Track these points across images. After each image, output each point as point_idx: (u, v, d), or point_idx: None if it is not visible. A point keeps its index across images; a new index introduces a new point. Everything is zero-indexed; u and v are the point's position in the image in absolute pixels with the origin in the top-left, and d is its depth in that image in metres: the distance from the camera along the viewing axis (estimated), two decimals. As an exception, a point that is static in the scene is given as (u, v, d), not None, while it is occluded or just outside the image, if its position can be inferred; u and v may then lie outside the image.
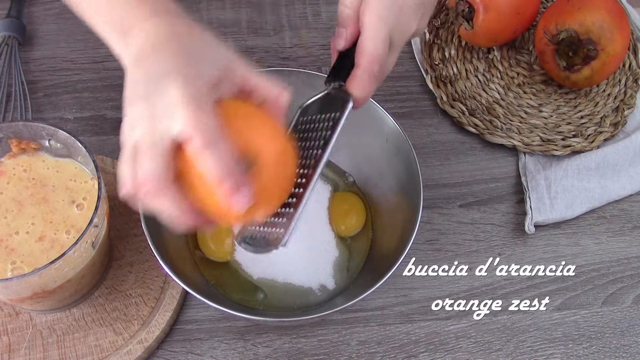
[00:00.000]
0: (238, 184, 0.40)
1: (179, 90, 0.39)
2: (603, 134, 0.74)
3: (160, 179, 0.40)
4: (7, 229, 0.53)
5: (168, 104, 0.39)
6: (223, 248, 0.61)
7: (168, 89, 0.40)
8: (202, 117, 0.39)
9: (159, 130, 0.40)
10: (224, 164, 0.39)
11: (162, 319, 0.58)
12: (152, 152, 0.40)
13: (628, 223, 0.70)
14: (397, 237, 0.59)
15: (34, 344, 0.57)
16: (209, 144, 0.39)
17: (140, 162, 0.40)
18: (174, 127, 0.39)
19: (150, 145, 0.40)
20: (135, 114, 0.41)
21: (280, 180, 0.44)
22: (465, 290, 0.64)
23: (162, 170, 0.40)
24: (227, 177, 0.39)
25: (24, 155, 0.57)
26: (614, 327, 0.63)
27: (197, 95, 0.40)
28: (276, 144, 0.43)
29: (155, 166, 0.40)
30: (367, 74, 0.47)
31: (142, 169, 0.40)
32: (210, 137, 0.39)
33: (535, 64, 0.79)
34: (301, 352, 0.60)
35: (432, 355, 0.61)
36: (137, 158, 0.40)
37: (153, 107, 0.40)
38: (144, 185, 0.40)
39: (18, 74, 0.71)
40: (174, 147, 0.40)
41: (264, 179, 0.42)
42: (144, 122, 0.40)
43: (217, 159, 0.39)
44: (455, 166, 0.72)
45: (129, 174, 0.41)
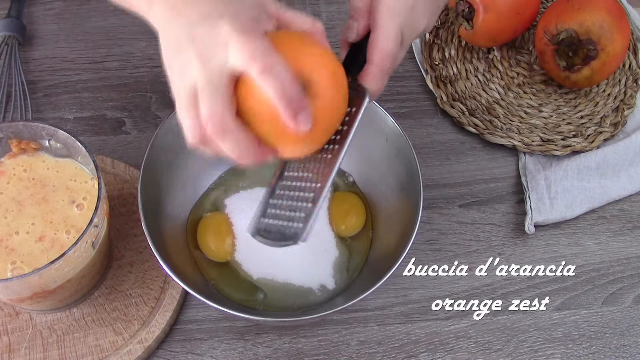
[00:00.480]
0: (300, 105, 0.40)
1: (228, 25, 0.40)
2: (603, 134, 0.74)
3: (224, 116, 0.40)
4: (7, 229, 0.53)
5: (219, 39, 0.40)
6: (223, 248, 0.61)
7: (216, 27, 0.40)
8: (256, 44, 0.39)
9: (215, 66, 0.40)
10: (285, 87, 0.40)
11: (162, 319, 0.58)
12: (211, 90, 0.40)
13: (628, 223, 0.70)
14: (397, 237, 0.59)
15: (34, 344, 0.57)
16: (269, 68, 0.39)
17: (202, 103, 0.40)
18: (230, 59, 0.40)
19: (208, 83, 0.40)
20: (183, 60, 0.41)
21: (334, 103, 0.44)
22: (465, 290, 0.64)
23: (224, 106, 0.40)
24: (290, 99, 0.40)
25: (24, 155, 0.57)
26: (614, 327, 0.63)
27: (246, 27, 0.40)
28: (328, 67, 0.43)
29: (216, 102, 0.40)
30: (379, 70, 0.47)
31: (205, 110, 0.40)
32: (268, 61, 0.39)
33: (535, 64, 0.79)
34: (301, 352, 0.60)
35: (432, 355, 0.61)
36: (198, 101, 0.41)
37: (203, 47, 0.40)
38: (209, 125, 0.40)
39: (18, 74, 0.71)
40: (234, 80, 0.41)
41: (319, 102, 0.43)
42: (196, 64, 0.40)
43: (278, 82, 0.39)
44: (455, 166, 0.72)
45: (192, 120, 0.41)
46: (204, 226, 0.62)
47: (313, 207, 0.46)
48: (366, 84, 0.48)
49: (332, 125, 0.46)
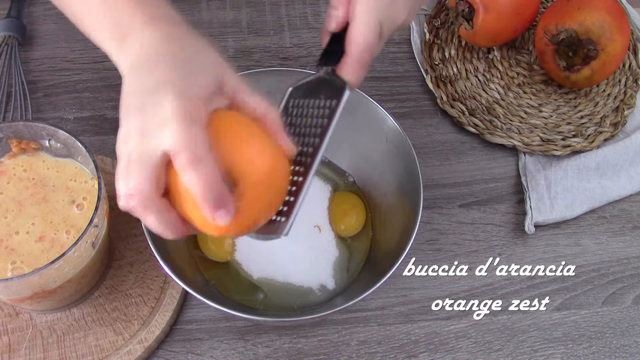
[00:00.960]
0: (220, 202, 0.41)
1: (172, 105, 0.40)
2: (603, 134, 0.74)
3: (148, 192, 0.41)
4: (7, 229, 0.53)
5: (160, 118, 0.40)
6: (223, 248, 0.61)
7: (161, 103, 0.40)
8: (191, 134, 0.40)
9: (150, 144, 0.40)
10: (208, 182, 0.40)
11: (162, 319, 0.58)
12: (140, 166, 0.40)
13: (628, 223, 0.70)
14: (397, 237, 0.59)
15: (34, 344, 0.57)
16: (195, 162, 0.39)
17: (130, 175, 0.41)
18: (164, 142, 0.40)
19: (139, 158, 0.41)
20: (129, 126, 0.42)
21: (265, 198, 0.45)
22: (465, 290, 0.64)
23: (149, 184, 0.41)
24: (210, 195, 0.40)
25: (24, 155, 0.57)
26: (614, 327, 0.63)
27: (189, 110, 0.40)
28: (263, 164, 0.43)
29: (142, 180, 0.40)
30: (357, 62, 0.47)
31: (131, 182, 0.41)
32: (197, 155, 0.39)
33: (535, 64, 0.79)
34: (301, 352, 0.60)
35: (432, 355, 0.61)
36: (129, 170, 0.41)
37: (146, 120, 0.41)
38: (132, 198, 0.41)
39: (18, 74, 0.71)
40: (164, 161, 0.41)
41: (248, 196, 0.43)
42: (136, 135, 0.41)
43: (201, 177, 0.40)
44: (455, 166, 0.72)
45: (123, 186, 0.41)
46: (204, 226, 0.62)
47: (295, 200, 0.46)
48: (345, 76, 0.48)
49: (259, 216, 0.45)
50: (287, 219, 0.46)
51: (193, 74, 0.42)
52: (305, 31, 0.80)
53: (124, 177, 0.41)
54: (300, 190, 0.46)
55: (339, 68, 0.48)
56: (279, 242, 0.61)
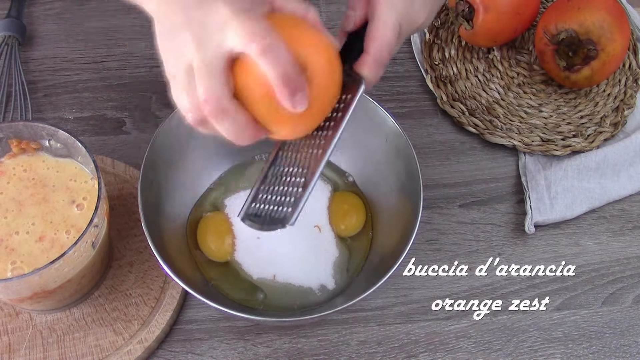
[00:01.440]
0: (297, 85, 0.41)
1: (226, 7, 0.40)
2: (603, 134, 0.74)
3: (221, 97, 0.40)
4: (7, 229, 0.53)
5: (217, 21, 0.40)
6: (223, 248, 0.61)
7: (213, 9, 0.40)
8: (255, 24, 0.39)
9: (212, 48, 0.40)
10: (284, 67, 0.40)
11: (162, 319, 0.58)
12: (208, 71, 0.40)
13: (628, 223, 0.70)
14: (397, 237, 0.59)
15: (34, 344, 0.57)
16: (268, 48, 0.39)
17: (198, 84, 0.40)
18: (228, 40, 0.40)
19: (204, 65, 0.40)
20: (179, 43, 0.41)
21: (328, 87, 0.45)
22: (465, 290, 0.64)
23: (221, 87, 0.40)
24: (288, 79, 0.40)
25: (24, 155, 0.57)
26: (614, 327, 0.63)
27: (244, 8, 0.40)
28: (324, 53, 0.44)
29: (214, 85, 0.40)
30: (376, 60, 0.47)
31: (202, 91, 0.40)
32: (268, 42, 0.39)
33: (535, 64, 0.79)
34: (301, 352, 0.60)
35: (432, 355, 0.61)
36: (195, 81, 0.40)
37: (200, 29, 0.40)
38: (206, 106, 0.41)
39: (18, 74, 0.71)
40: (229, 62, 0.41)
41: (315, 85, 0.43)
42: (192, 46, 0.40)
43: (276, 62, 0.40)
44: (455, 166, 0.72)
45: (189, 100, 0.41)
46: (204, 226, 0.62)
47: (303, 191, 0.46)
48: (362, 72, 0.48)
49: (325, 109, 0.46)
50: (294, 209, 0.46)
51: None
52: (305, 31, 0.80)
53: (189, 90, 0.41)
54: (310, 182, 0.46)
55: (356, 65, 0.48)
56: (279, 243, 0.61)
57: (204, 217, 0.63)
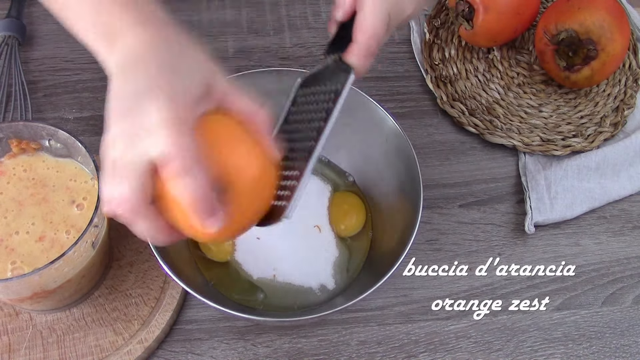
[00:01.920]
0: (210, 211, 0.40)
1: (160, 111, 0.39)
2: (603, 134, 0.74)
3: (136, 201, 0.40)
4: (7, 229, 0.53)
5: (148, 124, 0.39)
6: (223, 248, 0.61)
7: (149, 109, 0.39)
8: (181, 141, 0.39)
9: (138, 151, 0.39)
10: (199, 190, 0.39)
11: (162, 319, 0.58)
12: (129, 174, 0.39)
13: (628, 223, 0.70)
14: (397, 237, 0.59)
15: (34, 344, 0.57)
16: (185, 170, 0.39)
17: (118, 182, 0.40)
18: (152, 150, 0.39)
19: (127, 165, 0.39)
20: (116, 131, 0.40)
21: (255, 203, 0.45)
22: (465, 290, 0.64)
23: (138, 192, 0.39)
24: (201, 203, 0.39)
25: (24, 155, 0.57)
26: (614, 327, 0.63)
27: (177, 116, 0.39)
28: (252, 171, 0.43)
29: (131, 188, 0.39)
30: (365, 51, 0.48)
31: (119, 190, 0.40)
32: (186, 165, 0.39)
33: (535, 64, 0.79)
34: (301, 352, 0.60)
35: (432, 355, 0.61)
36: (115, 177, 0.40)
37: (133, 126, 0.39)
38: (119, 206, 0.40)
39: (18, 74, 0.71)
40: (152, 169, 0.40)
41: (238, 202, 0.43)
42: (123, 141, 0.40)
43: (191, 187, 0.39)
44: (455, 166, 0.72)
45: (109, 193, 0.40)
46: (204, 226, 0.62)
47: (298, 182, 0.46)
48: (351, 62, 0.48)
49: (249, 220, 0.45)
50: (289, 202, 0.46)
51: (181, 78, 0.41)
52: (305, 31, 0.80)
53: (111, 184, 0.40)
54: (303, 174, 0.46)
55: (345, 55, 0.48)
56: (279, 243, 0.61)
57: (204, 217, 0.63)
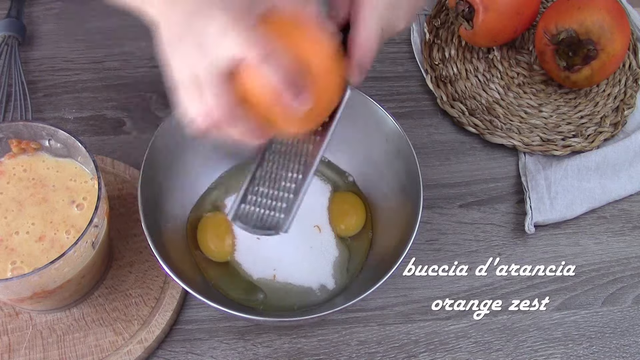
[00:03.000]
0: (299, 87, 0.42)
1: (223, 15, 0.40)
2: (603, 134, 0.74)
3: (227, 105, 0.41)
4: (7, 229, 0.53)
5: (217, 30, 0.40)
6: (223, 248, 0.61)
7: (213, 18, 0.41)
8: (253, 34, 0.40)
9: (215, 56, 0.41)
10: (284, 71, 0.41)
11: (162, 319, 0.58)
12: (214, 80, 0.41)
13: (628, 223, 0.70)
14: (397, 237, 0.59)
15: (34, 344, 0.57)
16: (267, 57, 0.40)
17: (207, 92, 0.41)
18: (228, 50, 0.40)
19: (210, 73, 0.41)
20: (183, 51, 0.42)
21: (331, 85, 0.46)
22: (465, 290, 0.64)
23: (226, 96, 0.41)
24: (289, 83, 0.41)
25: (24, 155, 0.57)
26: (614, 327, 0.63)
27: (242, 16, 0.41)
28: (322, 52, 0.44)
29: (220, 91, 0.41)
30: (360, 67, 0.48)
31: (211, 99, 0.41)
32: (266, 50, 0.40)
33: (535, 64, 0.79)
34: (301, 352, 0.60)
35: (432, 355, 0.61)
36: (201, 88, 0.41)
37: (202, 37, 0.41)
38: (215, 113, 0.42)
39: (18, 74, 0.71)
40: (233, 69, 0.41)
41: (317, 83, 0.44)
42: (196, 54, 0.41)
43: (275, 70, 0.41)
44: (455, 166, 0.72)
45: (198, 107, 0.42)
46: (204, 226, 0.62)
47: (295, 198, 0.47)
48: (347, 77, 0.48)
49: (329, 104, 0.47)
50: (287, 216, 0.46)
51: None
52: (305, 31, 0.80)
53: (196, 96, 0.42)
54: (301, 188, 0.47)
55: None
56: (279, 242, 0.61)
57: (204, 217, 0.63)
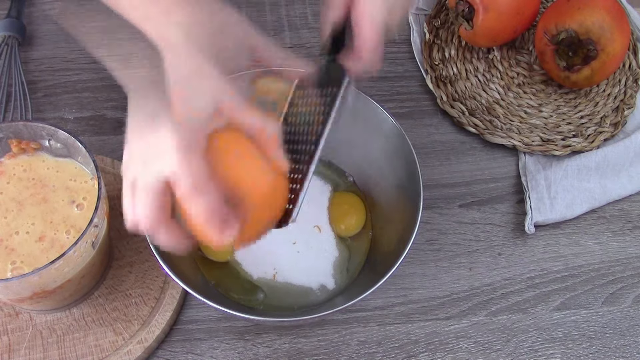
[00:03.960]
0: (224, 224, 0.42)
1: (170, 135, 0.41)
2: (603, 134, 0.74)
3: (155, 217, 0.43)
4: (7, 229, 0.53)
5: (159, 147, 0.42)
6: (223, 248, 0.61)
7: (160, 132, 0.42)
8: (190, 163, 0.41)
9: (152, 171, 0.42)
10: (209, 210, 0.42)
11: (162, 319, 0.58)
12: (145, 193, 0.42)
13: (628, 223, 0.70)
14: (397, 237, 0.59)
15: (34, 344, 0.57)
16: (196, 193, 0.41)
17: (136, 200, 0.43)
18: (164, 168, 0.41)
19: (144, 185, 0.42)
20: (131, 150, 0.44)
21: (268, 213, 0.46)
22: (465, 290, 0.64)
23: (155, 209, 0.42)
24: (213, 219, 0.42)
25: (24, 155, 0.57)
26: (614, 327, 0.63)
27: (187, 140, 0.41)
28: (264, 186, 0.45)
29: (148, 206, 0.42)
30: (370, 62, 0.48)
31: (138, 208, 0.43)
32: (197, 186, 0.41)
33: (535, 64, 0.79)
34: (301, 352, 0.60)
35: (432, 355, 0.61)
36: (134, 197, 0.43)
37: (147, 147, 0.43)
38: (141, 222, 0.43)
39: (18, 74, 0.71)
40: (168, 186, 0.42)
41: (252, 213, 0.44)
42: (138, 161, 0.43)
43: (202, 206, 0.42)
44: (455, 166, 0.72)
45: (130, 211, 0.44)
46: (204, 226, 0.62)
47: (300, 188, 0.47)
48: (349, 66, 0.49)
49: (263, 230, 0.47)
50: (294, 206, 0.47)
51: (191, 99, 0.43)
52: (305, 31, 0.80)
53: (130, 203, 0.43)
54: (305, 178, 0.47)
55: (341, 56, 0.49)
56: (279, 242, 0.61)
57: (204, 217, 0.63)
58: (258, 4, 0.82)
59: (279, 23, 0.81)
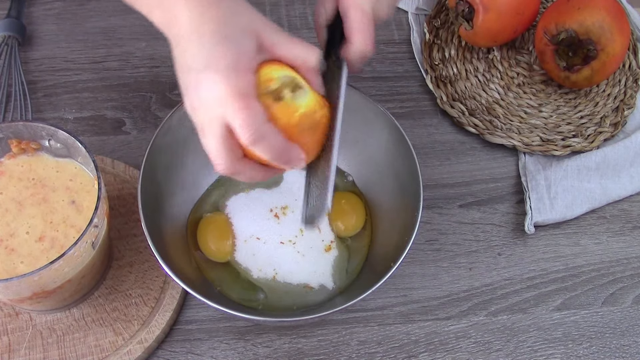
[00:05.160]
0: (290, 159, 0.46)
1: (222, 84, 0.43)
2: (603, 134, 0.74)
3: (227, 159, 0.45)
4: (7, 229, 0.53)
5: (215, 96, 0.43)
6: (223, 248, 0.61)
7: (214, 82, 0.43)
8: (248, 110, 0.43)
9: (214, 118, 0.44)
10: (275, 151, 0.45)
11: (162, 319, 0.58)
12: (213, 138, 0.44)
13: (628, 223, 0.70)
14: (397, 237, 0.59)
15: (34, 344, 0.57)
16: (259, 139, 0.43)
17: (208, 145, 0.45)
18: (227, 117, 0.43)
19: (209, 131, 0.44)
20: (191, 101, 0.45)
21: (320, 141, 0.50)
22: (465, 290, 0.64)
23: (226, 151, 0.45)
24: (281, 158, 0.45)
25: (24, 155, 0.57)
26: (614, 327, 0.63)
27: (237, 87, 0.43)
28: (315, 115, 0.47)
29: (220, 149, 0.44)
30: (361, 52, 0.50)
31: (212, 152, 0.45)
32: (258, 132, 0.43)
33: (535, 64, 0.79)
34: (301, 352, 0.60)
35: (432, 355, 0.61)
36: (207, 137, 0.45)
37: (203, 98, 0.44)
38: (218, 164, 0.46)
39: (18, 74, 0.71)
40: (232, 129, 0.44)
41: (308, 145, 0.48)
42: (200, 109, 0.44)
43: (268, 149, 0.44)
44: (455, 166, 0.72)
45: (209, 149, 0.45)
46: (204, 226, 0.62)
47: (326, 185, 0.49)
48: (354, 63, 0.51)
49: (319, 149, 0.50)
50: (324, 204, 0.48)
51: (234, 44, 0.44)
52: (305, 31, 0.80)
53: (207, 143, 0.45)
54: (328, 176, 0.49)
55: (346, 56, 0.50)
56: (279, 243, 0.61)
57: (204, 218, 0.63)
58: (258, 4, 0.82)
59: (279, 23, 0.80)
